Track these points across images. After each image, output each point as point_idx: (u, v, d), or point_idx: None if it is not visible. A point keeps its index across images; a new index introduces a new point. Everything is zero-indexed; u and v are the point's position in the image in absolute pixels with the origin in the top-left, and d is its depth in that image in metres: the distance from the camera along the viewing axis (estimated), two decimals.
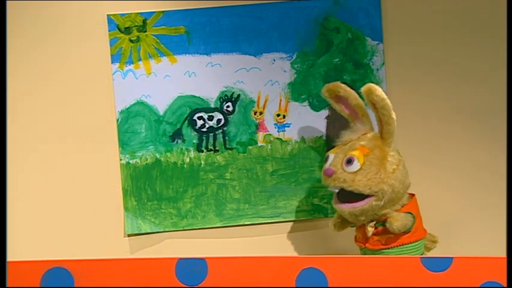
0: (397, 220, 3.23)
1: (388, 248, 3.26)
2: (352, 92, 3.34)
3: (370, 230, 3.27)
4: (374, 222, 3.28)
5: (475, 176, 3.62)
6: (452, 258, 2.61)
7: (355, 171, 3.22)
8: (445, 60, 3.61)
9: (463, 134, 3.62)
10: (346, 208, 3.27)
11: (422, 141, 3.60)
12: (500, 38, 3.54)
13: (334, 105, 3.39)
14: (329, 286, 2.64)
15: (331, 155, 3.31)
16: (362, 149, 3.25)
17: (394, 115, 3.22)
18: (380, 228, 3.27)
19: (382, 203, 3.23)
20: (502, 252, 3.06)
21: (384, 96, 3.18)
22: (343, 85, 3.36)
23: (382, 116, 3.21)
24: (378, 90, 3.18)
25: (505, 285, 2.55)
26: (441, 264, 2.62)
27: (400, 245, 3.26)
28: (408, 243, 3.27)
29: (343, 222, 3.39)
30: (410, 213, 3.27)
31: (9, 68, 3.49)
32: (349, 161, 3.24)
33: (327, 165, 3.30)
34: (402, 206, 3.29)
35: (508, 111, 3.26)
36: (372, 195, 3.22)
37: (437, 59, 3.61)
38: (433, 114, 3.62)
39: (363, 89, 3.22)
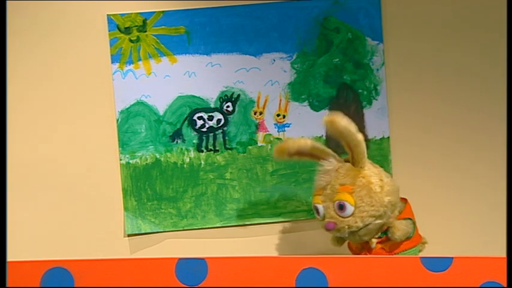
0: (399, 229, 3.23)
1: (392, 255, 3.25)
2: (296, 141, 3.28)
3: (374, 241, 3.27)
4: (378, 235, 3.27)
5: (475, 176, 3.62)
6: (452, 258, 2.61)
7: (353, 213, 3.20)
8: (445, 60, 3.61)
9: (463, 134, 3.62)
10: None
11: (421, 141, 3.60)
12: (500, 38, 3.54)
13: (300, 159, 3.33)
14: (329, 286, 2.64)
15: (320, 206, 3.25)
16: (345, 189, 3.20)
17: (360, 136, 3.15)
18: (384, 237, 3.27)
19: (385, 220, 3.23)
20: (502, 252, 3.05)
21: (344, 123, 3.12)
22: (285, 144, 3.29)
23: (350, 141, 3.15)
24: (337, 121, 3.12)
25: (505, 285, 2.55)
26: (441, 264, 2.61)
27: (403, 251, 3.26)
28: (409, 249, 3.27)
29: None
30: (410, 219, 3.27)
31: (9, 68, 3.49)
32: (341, 207, 3.19)
33: (320, 217, 3.25)
34: (400, 213, 3.28)
35: (508, 110, 3.26)
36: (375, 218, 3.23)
37: (437, 58, 3.61)
38: (432, 114, 3.61)
39: (324, 123, 3.17)
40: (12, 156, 3.52)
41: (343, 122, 3.13)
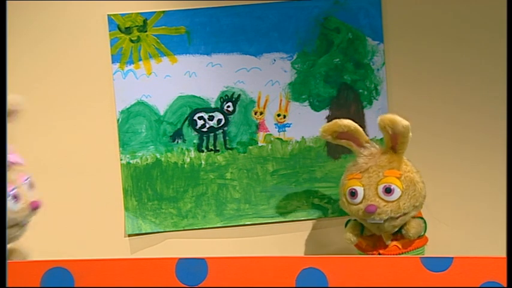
0: (413, 227, 3.26)
1: (406, 252, 3.26)
2: (344, 121, 3.26)
3: (389, 239, 3.28)
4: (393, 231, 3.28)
5: (475, 176, 3.63)
6: (452, 258, 2.61)
7: (399, 198, 3.20)
8: (445, 60, 3.61)
9: (463, 134, 3.62)
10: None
11: (422, 141, 3.59)
12: (500, 38, 3.54)
13: (338, 142, 3.30)
14: (329, 286, 2.64)
15: (359, 189, 3.23)
16: (394, 173, 3.22)
17: (410, 134, 3.18)
18: (399, 234, 3.27)
19: (416, 213, 3.26)
20: (502, 252, 3.05)
21: (407, 124, 3.12)
22: (335, 123, 3.27)
23: (405, 138, 3.17)
24: (403, 121, 3.12)
25: (505, 285, 2.55)
26: (441, 264, 2.61)
27: (414, 249, 3.28)
28: (420, 247, 3.30)
29: (358, 230, 3.37)
30: (421, 218, 3.29)
31: (10, 68, 3.49)
32: (389, 190, 3.19)
33: (356, 201, 3.24)
34: None
35: (508, 110, 3.26)
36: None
37: (437, 58, 3.61)
38: (433, 114, 3.62)
39: (383, 121, 3.14)
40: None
41: (407, 124, 3.13)
